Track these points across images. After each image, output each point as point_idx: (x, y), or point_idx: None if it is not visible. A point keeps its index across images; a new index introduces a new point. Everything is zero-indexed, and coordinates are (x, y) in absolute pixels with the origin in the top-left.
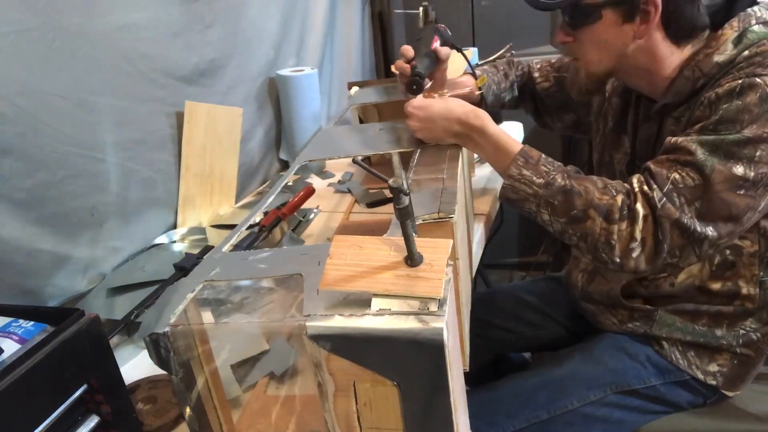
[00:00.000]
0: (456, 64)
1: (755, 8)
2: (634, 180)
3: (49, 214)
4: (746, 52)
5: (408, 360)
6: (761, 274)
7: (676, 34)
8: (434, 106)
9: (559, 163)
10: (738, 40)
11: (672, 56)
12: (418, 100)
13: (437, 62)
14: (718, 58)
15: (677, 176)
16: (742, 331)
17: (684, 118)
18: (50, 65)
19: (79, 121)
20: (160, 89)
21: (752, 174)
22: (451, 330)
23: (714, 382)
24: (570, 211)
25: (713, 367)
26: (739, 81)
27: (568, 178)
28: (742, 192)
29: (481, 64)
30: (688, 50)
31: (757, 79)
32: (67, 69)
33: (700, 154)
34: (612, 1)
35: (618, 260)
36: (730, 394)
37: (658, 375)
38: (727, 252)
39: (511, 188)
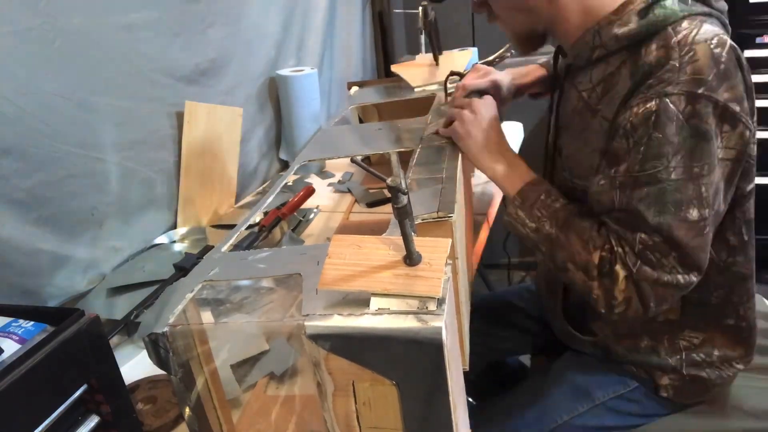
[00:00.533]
0: (456, 62)
1: None
2: (612, 237)
3: (49, 214)
4: (653, 49)
5: (407, 359)
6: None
7: None
8: (486, 119)
9: (558, 205)
10: (644, 13)
11: (572, 2)
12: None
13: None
14: (619, 30)
15: (643, 236)
16: (683, 347)
17: (585, 92)
18: (51, 65)
19: (80, 121)
20: (160, 89)
21: (706, 210)
22: (450, 329)
23: (665, 394)
24: (554, 261)
25: (664, 381)
26: (652, 105)
27: (556, 227)
28: (707, 230)
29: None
30: (595, 1)
31: (668, 102)
32: (68, 69)
33: (651, 217)
34: None
35: (604, 312)
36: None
37: (635, 379)
38: None
39: (508, 223)
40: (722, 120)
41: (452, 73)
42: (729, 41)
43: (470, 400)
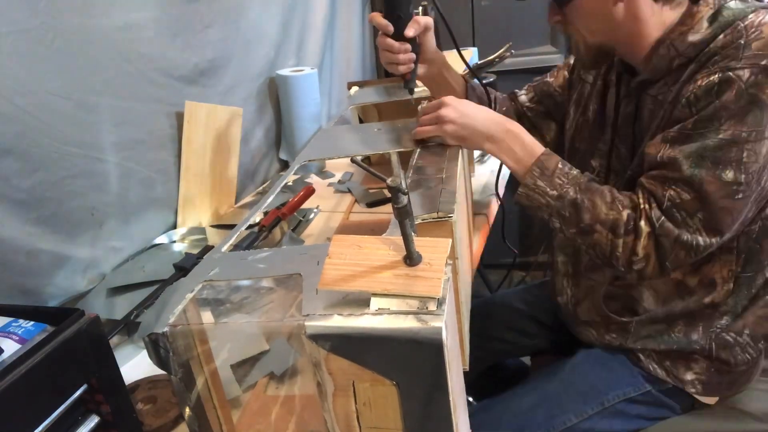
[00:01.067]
0: (459, 61)
1: None
2: (639, 195)
3: (49, 214)
4: (721, 38)
5: (407, 359)
6: (738, 269)
7: None
8: (472, 103)
9: (575, 172)
10: (713, 18)
11: (653, 17)
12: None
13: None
14: (693, 37)
15: (672, 193)
16: (716, 332)
17: (661, 96)
18: (50, 65)
19: (79, 121)
20: (160, 89)
21: (743, 176)
22: (450, 329)
23: (693, 390)
24: (579, 224)
25: (689, 376)
26: (716, 78)
27: (580, 192)
28: (739, 197)
29: (481, 64)
30: (669, 15)
31: (731, 74)
32: (67, 69)
33: (686, 168)
34: None
35: (623, 268)
36: (710, 401)
37: (648, 381)
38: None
39: (525, 196)
40: None
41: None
42: None
43: (470, 399)
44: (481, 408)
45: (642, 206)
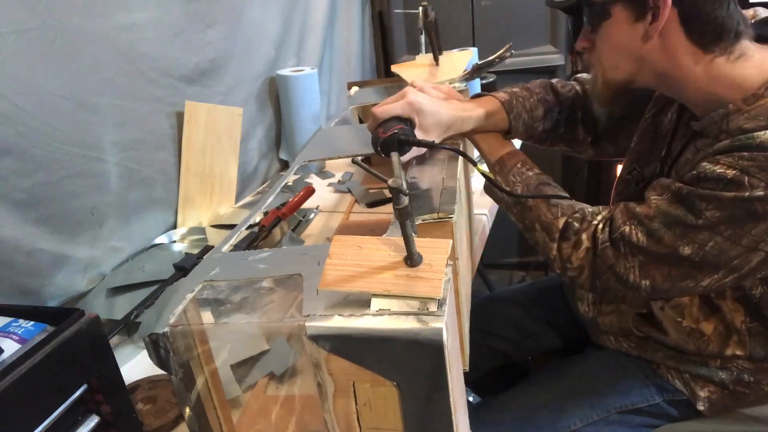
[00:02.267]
0: (456, 62)
1: None
2: (601, 209)
3: (49, 214)
4: (765, 136)
5: (407, 360)
6: (748, 320)
7: (699, 35)
8: (430, 97)
9: (532, 172)
10: None
11: (697, 64)
12: (420, 87)
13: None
14: (746, 124)
15: (627, 230)
16: (735, 371)
17: (702, 152)
18: (50, 65)
19: (80, 121)
20: (160, 89)
21: (697, 259)
22: (451, 330)
23: (702, 407)
24: (524, 221)
25: (704, 393)
26: (731, 174)
27: (527, 191)
28: (680, 270)
29: (481, 64)
30: (720, 65)
31: (746, 183)
32: (68, 69)
33: (656, 223)
34: None
35: (558, 272)
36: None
37: (659, 392)
38: (711, 294)
39: (488, 188)
40: None
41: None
42: None
43: (470, 399)
44: (484, 404)
45: (594, 222)
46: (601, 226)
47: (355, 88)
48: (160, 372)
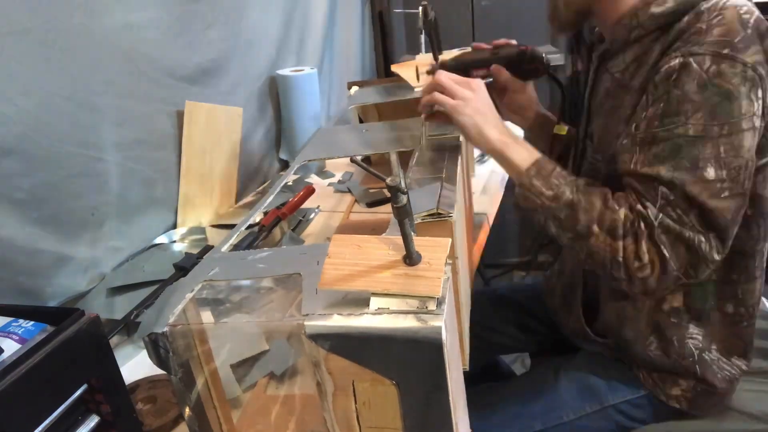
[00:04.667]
0: None
1: None
2: (631, 196)
3: (50, 214)
4: (684, 20)
5: (407, 359)
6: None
7: None
8: (483, 89)
9: (572, 177)
10: None
11: None
12: (462, 78)
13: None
14: (656, 9)
15: (664, 190)
16: (693, 346)
17: (618, 74)
18: (51, 65)
19: (80, 121)
20: (161, 89)
21: (724, 173)
22: (450, 329)
23: (677, 405)
24: (575, 226)
25: (676, 391)
26: (676, 63)
27: (576, 192)
28: (725, 194)
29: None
30: None
31: (693, 62)
32: (69, 69)
33: (665, 172)
34: None
35: (625, 278)
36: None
37: (644, 388)
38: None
39: (521, 197)
40: (753, 84)
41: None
42: (757, 11)
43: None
44: (476, 392)
45: (637, 207)
46: (641, 206)
47: (355, 88)
48: (160, 372)
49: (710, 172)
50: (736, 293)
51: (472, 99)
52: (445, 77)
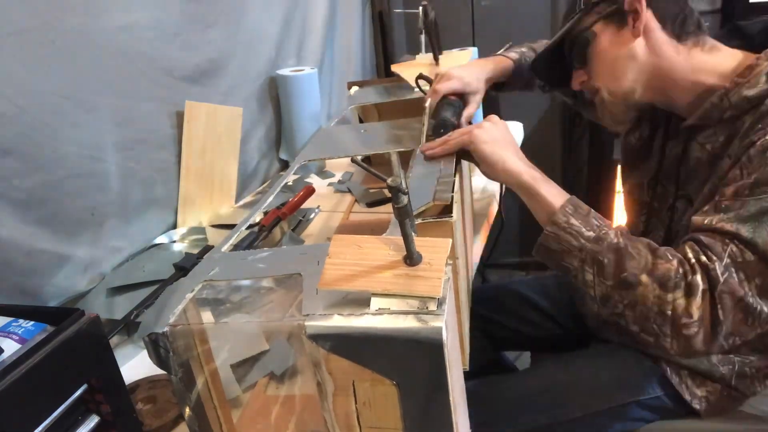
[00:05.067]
0: (456, 62)
1: None
2: (688, 249)
3: (49, 214)
4: None
5: (407, 359)
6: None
7: (673, 27)
8: (507, 129)
9: (609, 220)
10: None
11: (679, 54)
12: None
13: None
14: (749, 92)
15: (735, 249)
16: (737, 359)
17: (709, 146)
18: (51, 65)
19: (80, 121)
20: (161, 89)
21: None
22: (451, 329)
23: (698, 407)
24: (620, 274)
25: (701, 392)
26: None
27: (622, 236)
28: None
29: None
30: (697, 54)
31: None
32: (68, 69)
33: (745, 231)
34: (599, 15)
35: (669, 333)
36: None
37: (661, 386)
38: None
39: (553, 236)
40: None
41: (420, 76)
42: None
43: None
44: (482, 383)
45: (693, 260)
46: (706, 259)
47: (355, 88)
48: (160, 372)
49: None
50: None
51: (491, 128)
52: (457, 131)
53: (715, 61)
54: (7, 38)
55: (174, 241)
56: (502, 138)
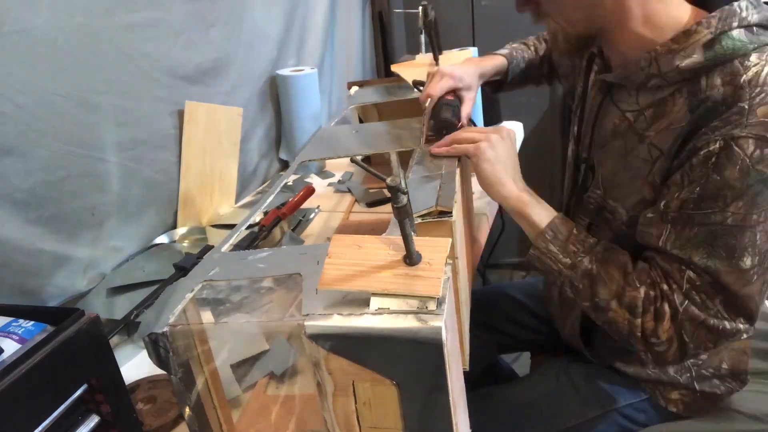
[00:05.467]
0: (456, 62)
1: (743, 3)
2: (657, 274)
3: (50, 214)
4: (721, 90)
5: (407, 359)
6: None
7: None
8: (513, 145)
9: (591, 240)
10: (709, 46)
11: (638, 7)
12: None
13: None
14: (681, 62)
15: (692, 275)
16: (691, 364)
17: (627, 108)
18: (52, 64)
19: (81, 121)
20: (162, 89)
21: (758, 258)
22: (450, 329)
23: (675, 409)
24: (593, 298)
25: (674, 396)
26: (716, 147)
27: (595, 262)
28: (755, 279)
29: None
30: (657, 9)
31: (734, 146)
32: (69, 68)
33: (699, 259)
34: None
35: (642, 349)
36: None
37: (643, 391)
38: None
39: (536, 258)
40: None
41: (415, 83)
42: None
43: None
44: (480, 395)
45: (661, 286)
46: (667, 287)
47: (355, 88)
48: (160, 372)
49: (746, 261)
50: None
51: (498, 145)
52: (466, 131)
53: (669, 12)
54: (8, 37)
55: (174, 241)
56: (505, 158)
